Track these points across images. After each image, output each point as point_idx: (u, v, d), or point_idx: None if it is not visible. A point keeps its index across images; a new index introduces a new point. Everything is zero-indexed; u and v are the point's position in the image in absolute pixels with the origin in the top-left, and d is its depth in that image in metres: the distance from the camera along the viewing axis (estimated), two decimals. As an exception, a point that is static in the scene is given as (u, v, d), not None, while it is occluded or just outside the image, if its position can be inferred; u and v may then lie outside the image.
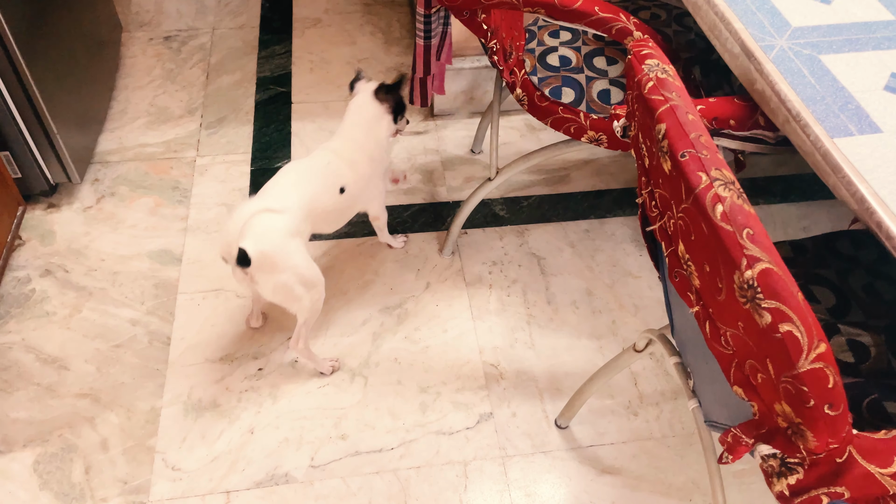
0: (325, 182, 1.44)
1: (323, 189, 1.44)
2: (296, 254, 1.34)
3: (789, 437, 0.65)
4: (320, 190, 1.43)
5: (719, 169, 0.68)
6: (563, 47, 1.51)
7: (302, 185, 1.41)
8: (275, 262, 1.31)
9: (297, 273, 1.35)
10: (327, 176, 1.45)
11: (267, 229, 1.31)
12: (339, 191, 1.46)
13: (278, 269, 1.32)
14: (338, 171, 1.46)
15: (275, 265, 1.31)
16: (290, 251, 1.33)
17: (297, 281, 1.35)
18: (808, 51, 1.02)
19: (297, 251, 1.34)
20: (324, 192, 1.43)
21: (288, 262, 1.33)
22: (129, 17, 2.42)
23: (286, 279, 1.33)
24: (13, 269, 1.70)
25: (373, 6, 2.52)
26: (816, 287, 1.08)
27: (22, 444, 1.41)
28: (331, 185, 1.44)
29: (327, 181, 1.44)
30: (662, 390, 1.54)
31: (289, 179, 1.42)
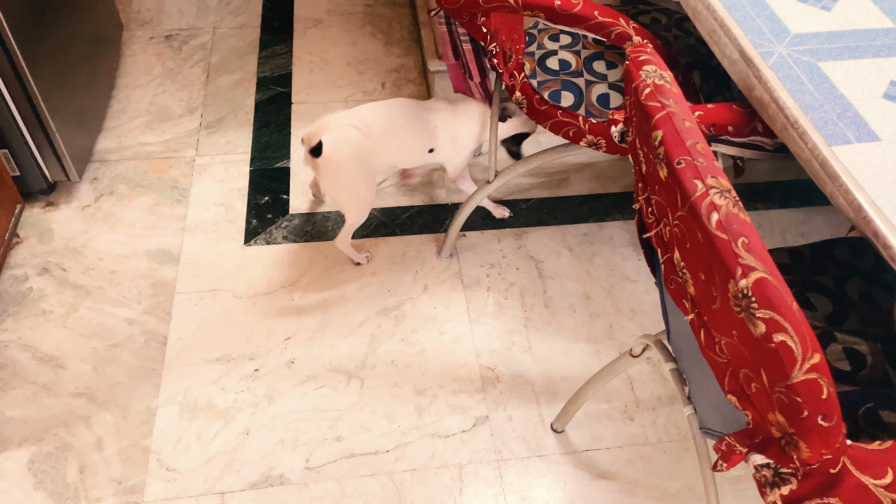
0: (419, 139, 1.59)
1: (413, 144, 1.59)
2: (357, 175, 1.54)
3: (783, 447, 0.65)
4: (410, 143, 1.59)
5: (715, 177, 0.68)
6: (562, 51, 1.51)
7: (396, 130, 1.56)
8: (337, 170, 1.52)
9: (351, 188, 1.56)
10: (425, 135, 1.59)
11: (347, 143, 1.50)
12: (428, 150, 1.61)
13: (338, 177, 1.53)
14: (438, 136, 1.61)
15: (336, 172, 1.52)
16: (354, 171, 1.53)
17: (348, 192, 1.57)
18: (808, 58, 1.02)
19: (359, 173, 1.54)
20: (412, 147, 1.60)
21: (347, 177, 1.53)
22: (130, 16, 2.42)
23: (340, 187, 1.55)
24: (10, 267, 1.69)
25: (374, 7, 2.52)
26: (813, 294, 1.08)
27: (17, 442, 1.41)
28: (424, 144, 1.60)
29: (422, 140, 1.59)
30: (659, 395, 1.54)
31: (394, 117, 1.57)
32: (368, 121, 1.54)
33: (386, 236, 1.81)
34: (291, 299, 1.66)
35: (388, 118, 1.56)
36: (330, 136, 1.49)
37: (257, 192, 1.89)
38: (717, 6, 1.10)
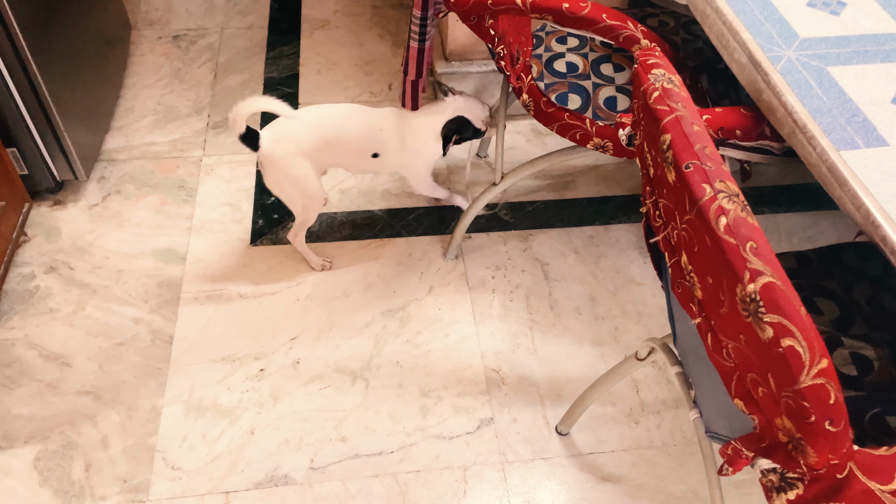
0: (362, 142, 1.56)
1: (356, 146, 1.57)
2: (297, 168, 1.52)
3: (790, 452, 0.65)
4: (354, 146, 1.56)
5: (724, 181, 0.68)
6: (570, 53, 1.51)
7: (341, 130, 1.54)
8: (276, 165, 1.51)
9: (291, 185, 1.54)
10: (367, 139, 1.56)
11: (286, 139, 1.50)
12: (372, 155, 1.58)
13: (277, 172, 1.52)
14: (382, 140, 1.57)
15: (275, 167, 1.51)
16: (293, 164, 1.52)
17: (289, 190, 1.56)
18: (816, 62, 1.01)
19: (299, 166, 1.52)
20: (355, 149, 1.57)
21: (287, 171, 1.52)
22: (139, 16, 2.43)
23: (280, 184, 1.55)
24: (18, 265, 1.70)
25: (381, 8, 2.52)
26: (820, 299, 1.08)
27: (23, 440, 1.42)
28: (366, 147, 1.57)
29: (365, 143, 1.57)
30: (664, 399, 1.53)
31: (335, 116, 1.56)
32: (310, 118, 1.53)
33: (392, 237, 1.81)
34: (297, 299, 1.67)
35: (331, 118, 1.55)
36: (269, 131, 1.49)
37: (264, 192, 1.90)
38: (725, 10, 1.10)
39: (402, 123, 1.58)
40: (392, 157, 1.59)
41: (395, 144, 1.58)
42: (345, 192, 1.91)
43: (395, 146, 1.58)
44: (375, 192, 1.92)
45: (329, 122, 1.54)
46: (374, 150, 1.57)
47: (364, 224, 1.84)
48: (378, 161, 1.59)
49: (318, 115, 1.55)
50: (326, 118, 1.55)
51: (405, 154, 1.59)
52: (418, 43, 1.45)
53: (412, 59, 1.49)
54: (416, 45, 1.45)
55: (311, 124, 1.53)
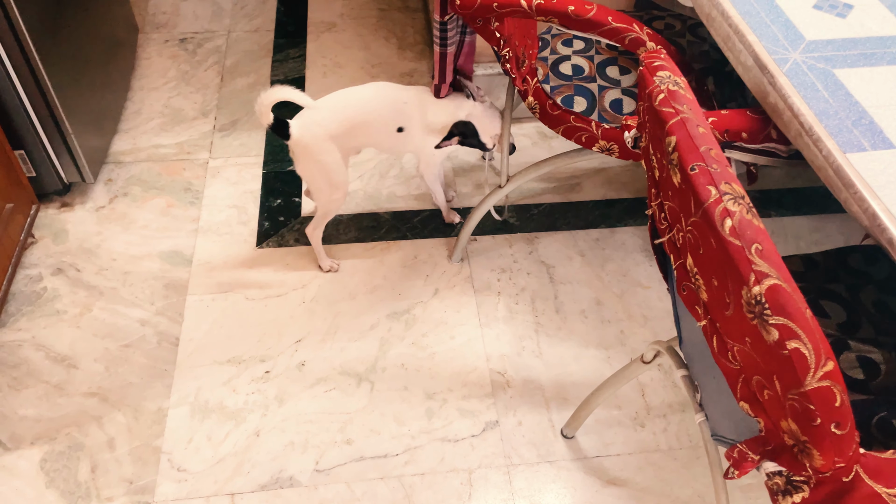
0: (387, 116, 1.58)
1: (382, 121, 1.58)
2: (326, 153, 1.54)
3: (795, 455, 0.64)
4: (380, 121, 1.57)
5: (729, 183, 0.68)
6: (576, 56, 1.51)
7: (366, 106, 1.56)
8: (306, 150, 1.54)
9: (322, 168, 1.56)
10: (393, 112, 1.57)
11: (314, 124, 1.52)
12: (398, 129, 1.59)
13: (308, 157, 1.55)
14: (406, 114, 1.58)
15: (306, 152, 1.54)
16: (322, 149, 1.54)
17: (320, 174, 1.57)
18: (822, 64, 1.01)
19: (328, 151, 1.54)
20: (382, 124, 1.58)
21: (317, 157, 1.54)
22: (146, 19, 2.44)
23: (310, 170, 1.57)
24: (25, 267, 1.71)
25: (388, 11, 2.53)
26: (827, 302, 1.07)
27: (30, 441, 1.42)
28: (391, 121, 1.58)
29: (390, 117, 1.58)
30: (670, 402, 1.53)
31: (361, 94, 1.57)
32: (335, 102, 1.55)
33: (397, 240, 1.81)
34: (302, 301, 1.67)
35: (356, 98, 1.57)
36: (298, 119, 1.51)
37: (270, 194, 1.90)
38: (731, 12, 1.10)
39: (426, 101, 1.59)
40: (415, 133, 1.60)
41: (419, 120, 1.59)
42: (351, 194, 1.91)
43: (419, 122, 1.59)
44: (381, 194, 1.92)
45: (354, 102, 1.56)
46: (398, 123, 1.58)
47: (370, 226, 1.84)
48: (403, 136, 1.60)
49: (344, 98, 1.57)
50: (352, 99, 1.57)
51: (427, 135, 1.61)
52: (440, 47, 1.46)
53: (436, 62, 1.50)
54: (439, 49, 1.46)
55: (337, 108, 1.55)
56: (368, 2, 2.57)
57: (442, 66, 1.50)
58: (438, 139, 1.59)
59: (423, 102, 1.59)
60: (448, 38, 1.44)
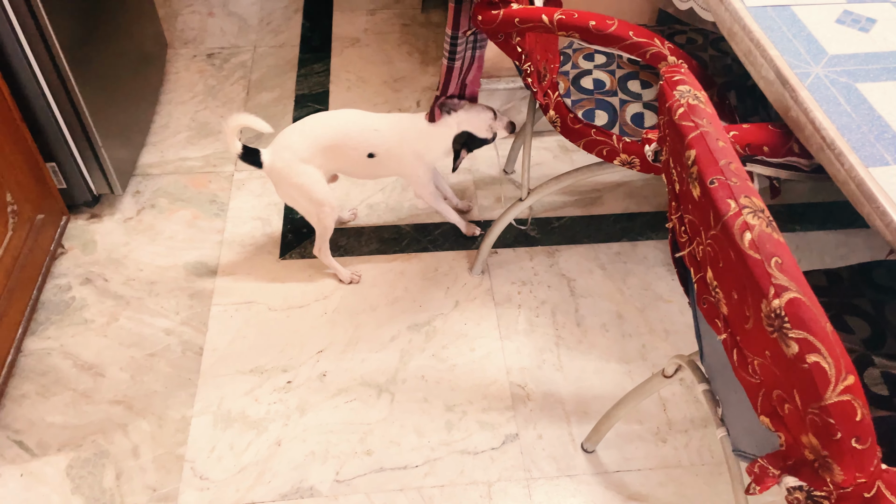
0: (357, 142, 1.59)
1: (352, 147, 1.59)
2: (300, 175, 1.57)
3: (816, 470, 0.64)
4: (350, 146, 1.59)
5: (749, 196, 0.68)
6: (597, 70, 1.52)
7: (336, 132, 1.58)
8: (280, 175, 1.57)
9: (299, 189, 1.58)
10: (362, 139, 1.59)
11: (284, 149, 1.56)
12: (368, 155, 1.60)
13: (283, 182, 1.58)
14: (375, 142, 1.60)
15: (280, 177, 1.58)
16: (296, 172, 1.56)
17: (300, 196, 1.60)
18: (845, 79, 1.01)
19: (301, 174, 1.57)
20: (351, 149, 1.59)
21: (291, 180, 1.57)
22: (175, 35, 2.50)
23: (290, 191, 1.60)
24: (55, 276, 1.75)
25: (410, 27, 2.56)
26: (851, 317, 1.06)
27: (56, 448, 1.45)
28: (361, 147, 1.60)
29: (360, 143, 1.59)
30: (692, 417, 1.52)
31: (331, 120, 1.60)
32: (305, 126, 1.59)
33: (418, 252, 1.83)
34: (324, 313, 1.69)
35: (327, 123, 1.60)
36: (270, 146, 1.56)
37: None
38: (753, 27, 1.10)
39: (403, 126, 1.60)
40: (389, 159, 1.61)
41: (392, 145, 1.60)
42: (372, 206, 1.93)
43: (391, 147, 1.60)
44: (403, 207, 1.94)
45: (325, 127, 1.59)
46: (369, 150, 1.59)
47: (391, 239, 1.86)
48: (375, 162, 1.62)
49: (312, 122, 1.60)
50: (320, 123, 1.59)
51: (403, 156, 1.61)
52: (448, 62, 1.47)
53: (442, 75, 1.51)
54: (447, 63, 1.47)
55: (305, 131, 1.58)
56: (392, 17, 2.60)
57: (447, 79, 1.51)
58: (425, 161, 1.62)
59: (399, 130, 1.60)
60: (457, 53, 1.46)
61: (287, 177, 1.57)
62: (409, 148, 1.61)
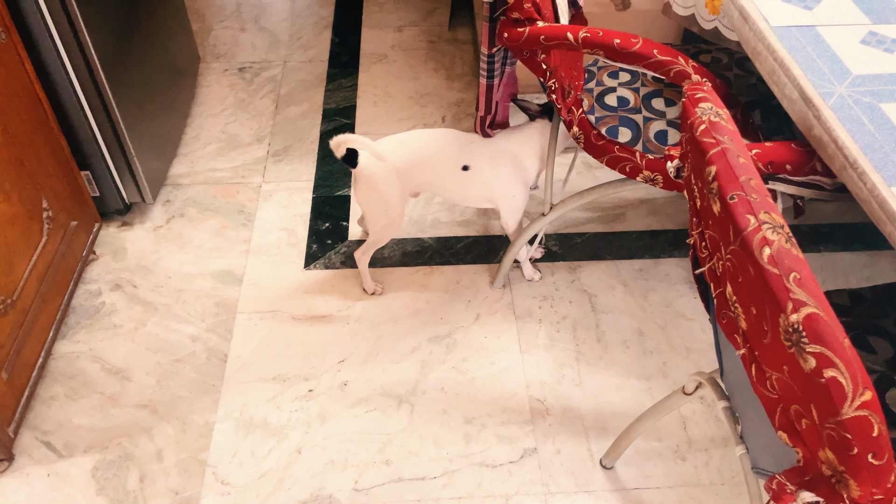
0: (453, 153, 1.61)
1: (447, 157, 1.61)
2: (389, 185, 1.59)
3: (833, 486, 0.64)
4: (445, 157, 1.61)
5: (768, 212, 0.69)
6: (621, 88, 1.53)
7: (432, 145, 1.61)
8: (369, 180, 1.58)
9: (381, 198, 1.60)
10: (459, 150, 1.61)
11: (380, 156, 1.55)
12: (463, 167, 1.61)
13: (370, 187, 1.59)
14: (473, 153, 1.61)
15: (368, 182, 1.59)
16: (386, 181, 1.58)
17: (376, 206, 1.62)
18: (869, 99, 1.01)
19: (390, 184, 1.59)
20: (447, 160, 1.61)
21: (379, 187, 1.59)
22: (207, 49, 2.56)
23: (369, 200, 1.62)
24: (86, 282, 1.79)
25: (437, 43, 2.59)
26: (874, 338, 1.06)
27: (83, 449, 1.48)
28: (456, 158, 1.61)
29: (455, 154, 1.61)
30: (712, 436, 1.51)
31: (429, 135, 1.63)
32: (404, 137, 1.62)
33: (440, 265, 1.84)
34: (346, 323, 1.71)
35: (424, 136, 1.63)
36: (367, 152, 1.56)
37: (319, 218, 1.96)
38: (777, 46, 1.11)
39: (496, 137, 1.63)
40: (483, 171, 1.61)
41: (487, 156, 1.61)
42: (396, 220, 1.96)
43: (487, 158, 1.61)
44: (426, 220, 1.96)
45: (421, 139, 1.62)
46: (464, 161, 1.60)
47: (414, 251, 1.88)
48: (469, 176, 1.61)
49: (412, 135, 1.63)
50: (419, 136, 1.63)
51: (498, 167, 1.61)
52: (486, 79, 1.50)
53: (481, 94, 1.54)
54: (485, 81, 1.50)
55: (404, 141, 1.61)
56: (419, 34, 2.64)
57: (488, 97, 1.53)
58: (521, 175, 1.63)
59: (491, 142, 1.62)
60: (494, 71, 1.48)
61: (375, 183, 1.58)
62: (506, 155, 1.61)
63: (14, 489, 1.42)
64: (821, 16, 1.17)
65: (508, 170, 1.62)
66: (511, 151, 1.61)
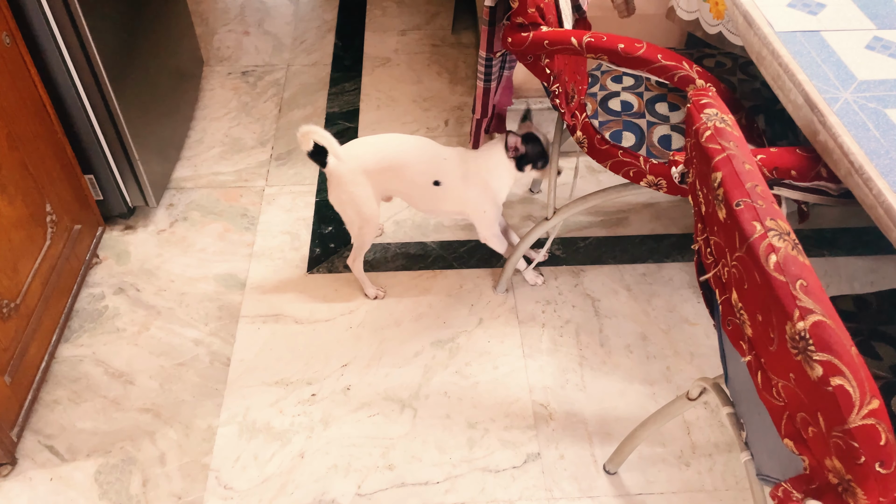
0: (424, 166, 1.61)
1: (419, 170, 1.61)
2: (359, 185, 1.58)
3: (840, 494, 0.64)
4: (417, 170, 1.61)
5: (774, 219, 0.68)
6: (625, 92, 1.53)
7: (404, 154, 1.60)
8: (340, 180, 1.58)
9: (351, 199, 1.60)
10: (431, 165, 1.61)
11: (350, 156, 1.57)
12: (434, 183, 1.61)
13: (341, 187, 1.59)
14: (445, 169, 1.61)
15: (339, 182, 1.58)
16: (355, 181, 1.58)
17: (350, 205, 1.61)
18: (874, 104, 1.01)
19: (360, 184, 1.58)
20: (418, 173, 1.61)
21: (349, 188, 1.58)
22: (211, 53, 2.56)
23: (343, 199, 1.61)
24: (89, 285, 1.79)
25: (440, 47, 2.59)
26: (879, 344, 1.05)
27: (86, 453, 1.48)
28: (428, 172, 1.61)
29: (427, 168, 1.61)
30: (716, 442, 1.50)
31: (402, 141, 1.62)
32: (377, 140, 1.62)
33: (443, 269, 1.84)
34: (349, 327, 1.71)
35: (398, 142, 1.61)
36: (338, 150, 1.56)
37: (322, 222, 1.96)
38: (781, 52, 1.11)
39: (468, 157, 1.62)
40: (454, 188, 1.61)
41: (459, 175, 1.60)
42: (399, 223, 1.96)
43: (458, 176, 1.61)
44: (429, 224, 1.96)
45: (395, 145, 1.61)
46: (436, 176, 1.60)
47: (417, 255, 1.88)
48: (439, 191, 1.61)
49: (385, 138, 1.62)
50: (392, 141, 1.62)
51: (469, 188, 1.61)
52: (483, 83, 1.49)
53: (478, 97, 1.53)
54: (482, 84, 1.50)
55: (376, 145, 1.61)
56: (422, 38, 2.64)
57: (485, 101, 1.53)
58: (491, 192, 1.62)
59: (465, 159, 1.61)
60: (492, 74, 1.48)
61: (345, 183, 1.58)
62: (478, 179, 1.61)
63: (17, 493, 1.42)
64: (826, 21, 1.17)
65: (478, 191, 1.62)
66: (482, 176, 1.61)
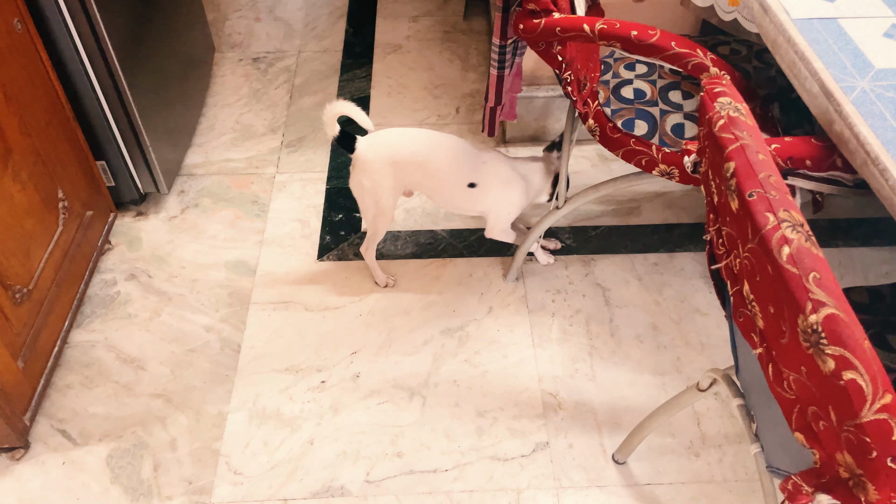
0: (461, 167, 1.58)
1: (453, 171, 1.58)
2: (381, 175, 1.56)
3: (850, 489, 0.63)
4: (450, 170, 1.58)
5: (788, 210, 0.67)
6: (638, 80, 1.51)
7: (438, 152, 1.57)
8: (364, 167, 1.55)
9: (373, 188, 1.57)
10: (468, 167, 1.58)
11: (380, 145, 1.55)
12: (469, 184, 1.59)
13: (363, 174, 1.56)
14: (484, 173, 1.59)
15: (363, 168, 1.56)
16: (379, 170, 1.55)
17: (370, 193, 1.58)
18: (892, 93, 0.99)
19: (383, 174, 1.56)
20: (451, 173, 1.58)
21: (371, 176, 1.56)
22: (222, 39, 2.56)
23: (363, 185, 1.58)
24: (101, 271, 1.80)
25: (452, 34, 2.58)
26: (893, 336, 1.04)
27: (98, 438, 1.49)
28: (463, 174, 1.58)
29: (464, 170, 1.58)
30: (726, 433, 1.50)
31: (439, 139, 1.58)
32: (412, 133, 1.59)
33: (453, 257, 1.84)
34: (359, 315, 1.71)
35: (435, 138, 1.58)
36: (368, 136, 1.55)
37: (332, 209, 1.96)
38: (797, 39, 1.09)
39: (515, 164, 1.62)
40: (490, 192, 1.60)
41: (499, 179, 1.59)
42: (409, 211, 1.95)
43: (499, 181, 1.59)
44: (439, 212, 1.95)
45: (427, 141, 1.57)
46: (473, 178, 1.58)
47: (427, 244, 1.87)
48: (473, 192, 1.59)
49: (420, 133, 1.59)
50: (427, 137, 1.58)
51: (508, 192, 1.60)
52: (497, 70, 1.48)
53: (492, 85, 1.52)
54: (496, 72, 1.49)
55: (410, 137, 1.58)
56: (434, 24, 2.62)
57: (499, 88, 1.52)
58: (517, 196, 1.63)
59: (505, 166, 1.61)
60: (505, 62, 1.47)
61: (371, 171, 1.55)
62: (519, 183, 1.61)
63: (30, 476, 1.43)
64: (843, 8, 1.15)
65: (516, 197, 1.62)
66: (521, 181, 1.61)
